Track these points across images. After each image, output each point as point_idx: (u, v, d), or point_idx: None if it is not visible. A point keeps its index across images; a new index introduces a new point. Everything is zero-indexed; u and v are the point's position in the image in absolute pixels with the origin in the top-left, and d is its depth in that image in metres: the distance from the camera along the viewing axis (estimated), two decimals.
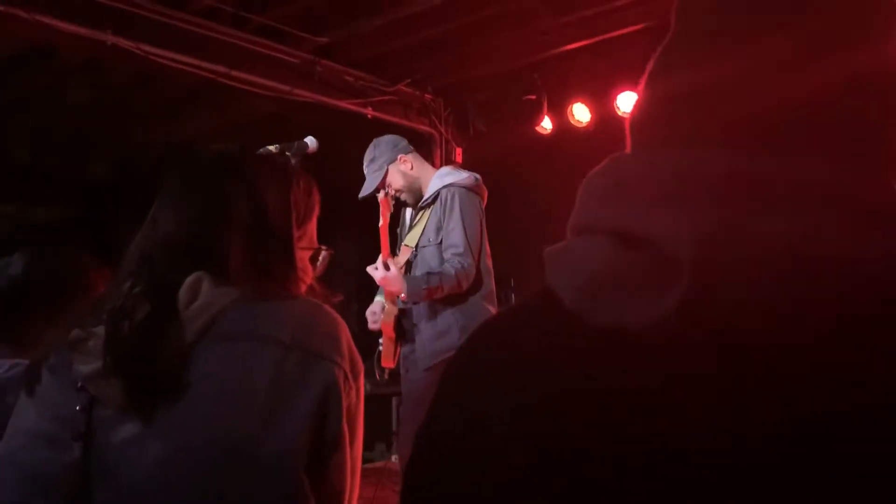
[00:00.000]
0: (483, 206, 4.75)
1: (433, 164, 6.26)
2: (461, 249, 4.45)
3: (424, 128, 8.57)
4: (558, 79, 7.57)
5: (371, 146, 4.78)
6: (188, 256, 1.75)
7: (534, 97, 7.79)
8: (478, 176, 4.77)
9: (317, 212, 1.98)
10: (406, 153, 4.82)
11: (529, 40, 7.11)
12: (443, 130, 8.63)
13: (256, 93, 6.99)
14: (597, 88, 7.38)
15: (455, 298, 4.44)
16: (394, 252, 4.63)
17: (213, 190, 1.84)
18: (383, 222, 4.31)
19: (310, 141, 3.72)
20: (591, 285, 1.08)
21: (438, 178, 4.78)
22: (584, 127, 7.70)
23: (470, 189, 4.69)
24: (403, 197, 4.74)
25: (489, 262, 4.68)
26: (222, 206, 1.81)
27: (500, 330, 1.16)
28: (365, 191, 4.67)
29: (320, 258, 2.04)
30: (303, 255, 1.92)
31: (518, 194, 7.96)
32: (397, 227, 4.89)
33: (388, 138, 4.84)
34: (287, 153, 3.50)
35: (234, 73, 6.73)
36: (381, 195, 4.41)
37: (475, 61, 7.72)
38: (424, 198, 4.72)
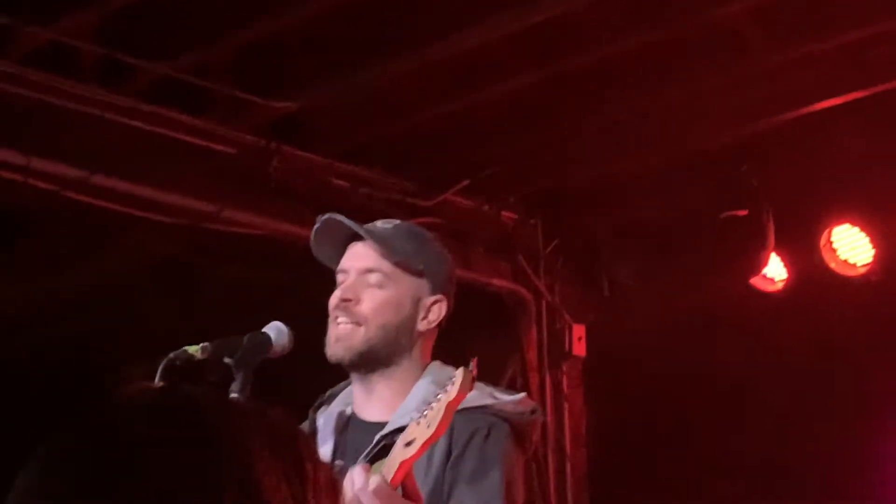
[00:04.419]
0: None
1: (524, 358, 5.44)
2: None
3: (502, 282, 6.24)
4: (797, 176, 5.63)
5: (409, 228, 3.18)
6: None
7: (744, 212, 5.70)
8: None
9: None
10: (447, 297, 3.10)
11: (729, 93, 5.27)
12: (543, 287, 6.30)
13: (142, 217, 5.14)
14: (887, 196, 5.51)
15: None
16: None
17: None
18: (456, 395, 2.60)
19: (274, 332, 2.85)
20: None
21: (440, 387, 2.74)
22: (859, 276, 5.61)
23: (519, 428, 3.00)
24: (340, 355, 2.99)
25: None
26: None
27: None
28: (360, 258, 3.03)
29: None
30: None
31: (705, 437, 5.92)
32: None
33: (444, 252, 3.23)
34: (226, 359, 2.72)
35: (96, 178, 4.90)
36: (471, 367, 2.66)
37: (611, 143, 5.67)
38: (396, 423, 2.88)
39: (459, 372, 2.53)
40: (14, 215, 5.53)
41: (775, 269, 5.68)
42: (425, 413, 2.57)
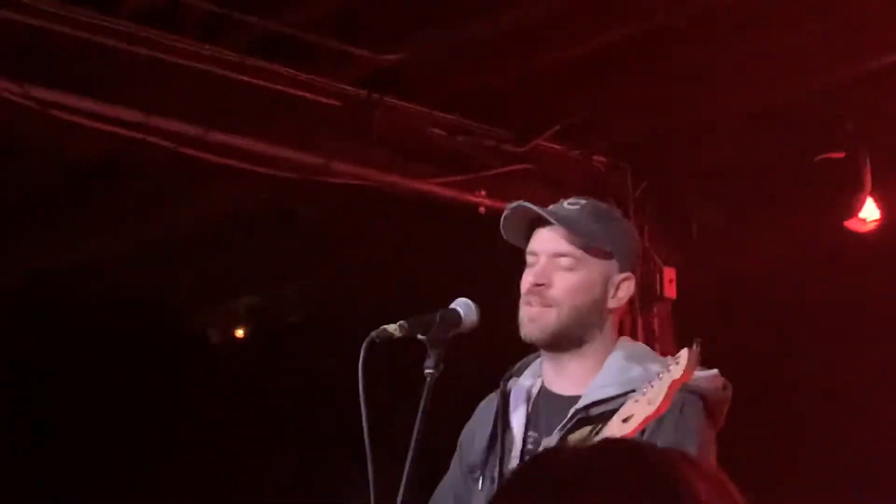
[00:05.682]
0: None
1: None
2: None
3: None
4: (893, 119, 5.43)
5: (596, 208, 3.12)
6: None
7: (841, 155, 5.53)
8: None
9: None
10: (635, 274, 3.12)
11: (828, 39, 5.15)
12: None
13: (250, 171, 5.11)
14: None
15: None
16: None
17: None
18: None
19: (464, 308, 2.91)
20: None
21: (633, 362, 2.97)
22: None
23: (712, 403, 2.97)
24: (534, 336, 2.99)
25: None
26: None
27: None
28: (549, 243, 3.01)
29: None
30: None
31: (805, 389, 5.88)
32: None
33: (631, 229, 3.30)
34: (421, 337, 2.82)
35: (213, 134, 4.93)
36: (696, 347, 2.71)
37: (703, 87, 5.53)
38: (590, 397, 2.93)
39: (684, 352, 2.54)
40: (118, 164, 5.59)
41: (869, 211, 5.59)
42: (645, 391, 2.57)
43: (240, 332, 7.83)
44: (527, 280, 2.96)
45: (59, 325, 7.31)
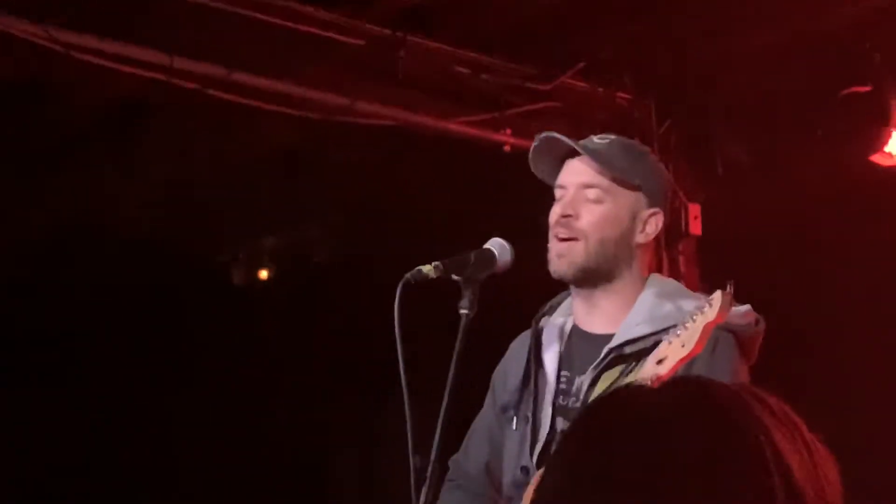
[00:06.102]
0: None
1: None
2: None
3: None
4: None
5: (625, 143, 3.09)
6: None
7: (867, 88, 5.42)
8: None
9: None
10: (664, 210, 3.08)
11: None
12: None
13: (275, 111, 5.13)
14: None
15: None
16: None
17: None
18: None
19: (498, 248, 2.91)
20: None
21: (665, 299, 2.95)
22: None
23: (745, 339, 2.96)
24: (563, 271, 2.96)
25: None
26: None
27: None
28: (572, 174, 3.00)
29: None
30: None
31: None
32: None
33: (660, 166, 3.20)
34: (456, 277, 2.83)
35: (238, 75, 4.97)
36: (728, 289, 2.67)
37: (726, 21, 5.39)
38: (624, 335, 2.91)
39: (718, 294, 2.51)
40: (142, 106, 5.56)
41: (895, 145, 5.48)
42: (679, 333, 2.54)
43: (264, 274, 7.83)
44: (555, 212, 2.93)
45: (80, 269, 7.30)
